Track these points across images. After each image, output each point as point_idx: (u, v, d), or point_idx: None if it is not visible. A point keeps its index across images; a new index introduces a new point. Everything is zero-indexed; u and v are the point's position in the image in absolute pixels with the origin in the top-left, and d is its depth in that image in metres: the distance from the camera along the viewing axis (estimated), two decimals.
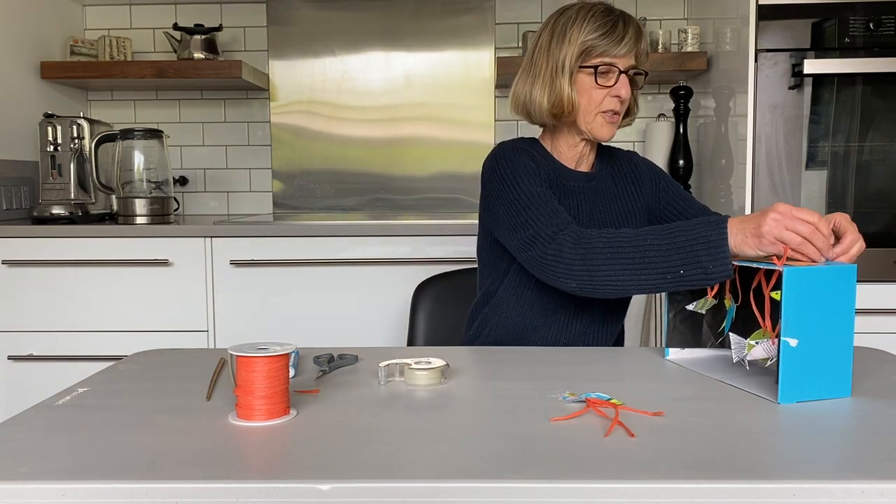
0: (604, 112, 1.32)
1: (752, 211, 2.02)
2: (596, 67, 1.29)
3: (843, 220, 1.05)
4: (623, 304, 1.43)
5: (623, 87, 1.30)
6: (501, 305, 1.39)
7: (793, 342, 0.91)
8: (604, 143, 1.47)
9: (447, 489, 0.68)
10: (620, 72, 1.30)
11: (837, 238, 1.04)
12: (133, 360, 1.16)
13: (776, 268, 0.93)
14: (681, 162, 2.40)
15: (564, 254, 1.17)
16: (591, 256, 1.14)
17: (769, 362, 1.03)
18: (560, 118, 1.34)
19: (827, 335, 0.92)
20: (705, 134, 2.40)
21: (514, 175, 1.29)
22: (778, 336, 0.93)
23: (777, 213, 0.99)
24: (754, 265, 0.98)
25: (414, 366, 1.01)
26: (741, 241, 1.02)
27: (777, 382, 0.92)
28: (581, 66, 1.30)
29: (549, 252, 1.19)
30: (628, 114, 1.40)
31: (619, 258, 1.11)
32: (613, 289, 1.14)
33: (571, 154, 1.40)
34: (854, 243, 1.02)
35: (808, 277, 0.91)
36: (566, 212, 1.34)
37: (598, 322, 1.38)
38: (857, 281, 1.99)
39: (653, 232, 1.11)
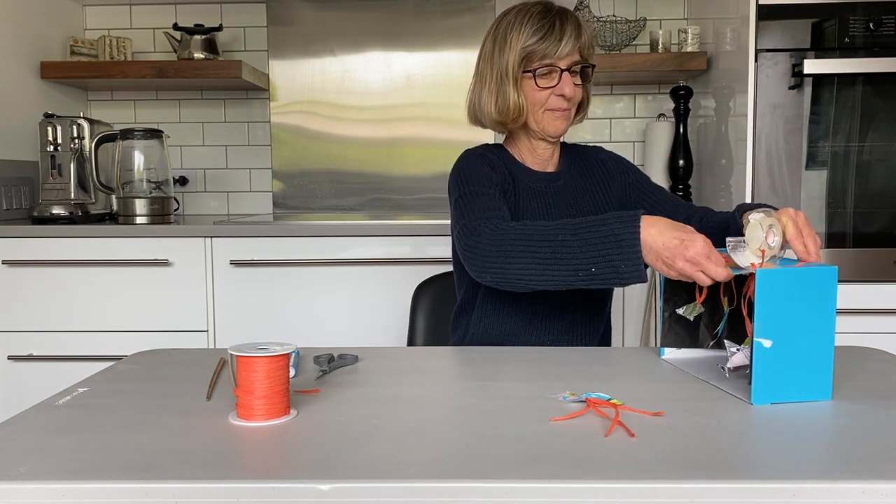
0: (551, 109, 1.33)
1: None
2: (535, 70, 1.31)
3: (787, 222, 1.02)
4: (602, 302, 1.42)
5: (566, 86, 1.31)
6: (480, 314, 1.39)
7: (766, 343, 0.90)
8: (568, 142, 1.48)
9: (447, 489, 0.68)
10: (563, 70, 1.31)
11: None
12: (133, 360, 1.16)
13: (751, 270, 0.92)
14: (681, 162, 2.40)
15: (482, 246, 1.15)
16: (506, 249, 1.12)
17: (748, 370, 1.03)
18: (506, 124, 1.36)
19: (805, 337, 0.91)
20: (705, 134, 2.40)
21: (467, 177, 1.30)
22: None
23: (695, 256, 0.98)
24: (733, 271, 0.97)
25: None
26: (652, 261, 1.02)
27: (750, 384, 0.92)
28: (524, 71, 1.31)
29: (469, 244, 1.17)
30: (580, 109, 1.41)
31: (532, 252, 1.10)
32: (526, 283, 1.12)
33: (534, 157, 1.41)
34: (805, 254, 1.01)
35: (782, 279, 0.90)
36: (536, 213, 1.36)
37: (580, 323, 1.38)
38: (857, 281, 2.01)
39: (566, 226, 1.09)
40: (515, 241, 1.12)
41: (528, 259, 1.10)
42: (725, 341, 1.04)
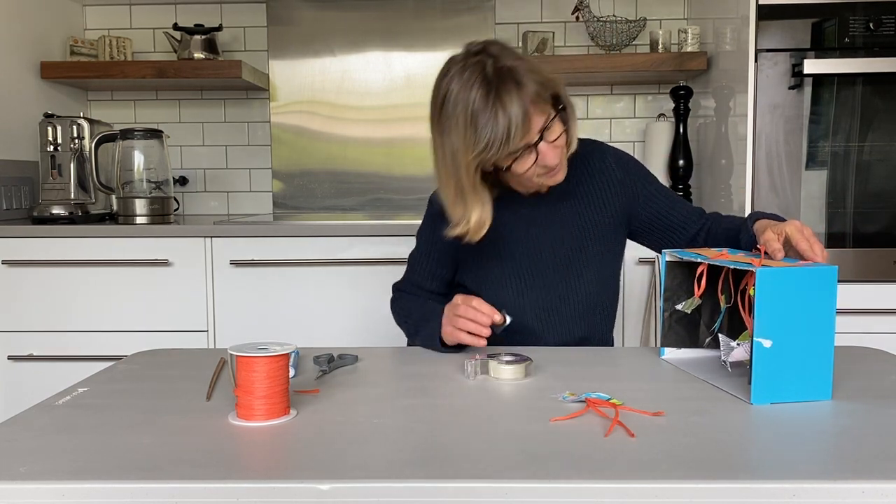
0: (540, 175, 1.22)
1: (752, 208, 2.02)
2: (504, 167, 1.18)
3: (792, 231, 1.04)
4: (607, 318, 1.40)
5: (548, 156, 1.18)
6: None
7: (766, 343, 0.90)
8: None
9: (447, 489, 0.68)
10: (536, 142, 1.16)
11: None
12: (133, 360, 1.16)
13: (752, 268, 0.92)
14: (681, 162, 2.40)
15: (392, 305, 1.49)
16: (396, 313, 1.46)
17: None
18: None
19: (805, 337, 0.91)
20: (705, 134, 2.40)
21: (419, 232, 1.51)
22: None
23: (453, 315, 1.18)
24: (731, 265, 0.97)
25: (501, 360, 1.06)
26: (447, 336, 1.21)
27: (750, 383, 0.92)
28: (495, 169, 1.20)
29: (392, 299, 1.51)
30: (568, 146, 1.25)
31: (402, 323, 1.43)
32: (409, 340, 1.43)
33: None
34: (811, 253, 1.03)
35: (782, 278, 0.90)
36: (517, 230, 1.34)
37: (583, 336, 1.37)
38: (857, 281, 2.01)
39: (423, 315, 1.32)
40: (397, 313, 1.46)
41: (403, 325, 1.43)
42: (720, 336, 1.04)
